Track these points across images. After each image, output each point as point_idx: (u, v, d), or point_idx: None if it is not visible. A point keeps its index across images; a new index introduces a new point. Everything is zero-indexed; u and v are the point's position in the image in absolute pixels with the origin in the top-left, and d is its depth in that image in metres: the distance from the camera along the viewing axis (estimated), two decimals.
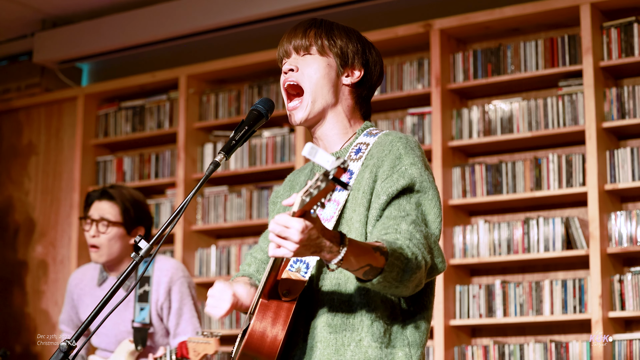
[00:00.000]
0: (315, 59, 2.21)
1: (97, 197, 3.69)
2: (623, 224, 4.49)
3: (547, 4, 4.75)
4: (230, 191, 5.63)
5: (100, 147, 6.19)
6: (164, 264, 3.69)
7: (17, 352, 6.12)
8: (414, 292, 2.04)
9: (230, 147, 2.12)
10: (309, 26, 2.24)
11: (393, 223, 2.02)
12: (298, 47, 2.22)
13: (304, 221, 1.81)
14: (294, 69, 2.21)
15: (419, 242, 2.00)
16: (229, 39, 5.91)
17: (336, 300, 2.08)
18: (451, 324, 4.75)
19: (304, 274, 2.06)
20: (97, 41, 6.00)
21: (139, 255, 2.05)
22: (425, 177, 2.10)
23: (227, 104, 5.73)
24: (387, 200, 2.07)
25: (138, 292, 3.64)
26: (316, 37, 2.21)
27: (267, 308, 2.00)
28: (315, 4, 5.27)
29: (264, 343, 1.98)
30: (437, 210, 2.10)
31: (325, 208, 1.84)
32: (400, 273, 1.94)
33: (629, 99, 4.57)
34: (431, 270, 2.05)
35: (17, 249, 6.36)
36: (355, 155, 2.17)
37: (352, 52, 2.23)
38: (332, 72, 2.21)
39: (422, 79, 5.12)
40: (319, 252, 1.86)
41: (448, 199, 4.88)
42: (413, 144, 2.16)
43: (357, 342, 2.05)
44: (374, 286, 1.95)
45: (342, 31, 2.25)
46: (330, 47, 2.21)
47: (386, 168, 2.10)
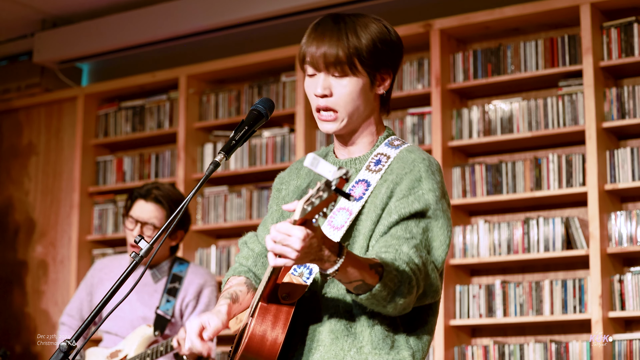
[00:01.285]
0: (351, 82, 2.12)
1: (142, 197, 3.68)
2: (623, 224, 4.49)
3: (547, 4, 4.75)
4: (230, 191, 5.63)
5: (100, 147, 6.19)
6: (198, 269, 3.80)
7: (17, 352, 6.12)
8: (399, 314, 2.03)
9: (230, 147, 2.11)
10: (334, 32, 2.12)
11: (396, 243, 2.01)
12: (329, 62, 2.10)
13: (306, 229, 1.80)
14: (328, 94, 2.13)
15: (416, 268, 1.98)
16: (229, 39, 5.91)
17: (340, 306, 2.08)
18: (451, 324, 4.75)
19: (307, 279, 2.06)
20: (97, 41, 6.00)
21: (139, 255, 2.05)
22: (439, 206, 2.08)
23: (227, 104, 5.73)
24: (398, 220, 2.05)
25: (168, 286, 3.70)
26: (346, 49, 2.10)
27: (267, 311, 2.00)
28: (315, 4, 5.27)
29: (264, 346, 1.98)
30: (444, 238, 2.07)
31: (327, 218, 1.83)
32: (390, 294, 1.93)
33: (629, 99, 4.57)
34: (422, 296, 2.04)
35: (17, 249, 6.37)
36: (375, 167, 2.14)
37: (382, 60, 2.15)
38: (366, 89, 2.14)
39: (422, 79, 5.12)
40: (318, 260, 1.86)
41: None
42: (435, 167, 2.12)
43: (357, 348, 2.05)
44: (362, 301, 1.95)
45: (368, 35, 2.14)
46: (361, 61, 2.11)
47: (404, 187, 2.07)
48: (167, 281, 3.72)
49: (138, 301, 3.72)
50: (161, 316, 3.66)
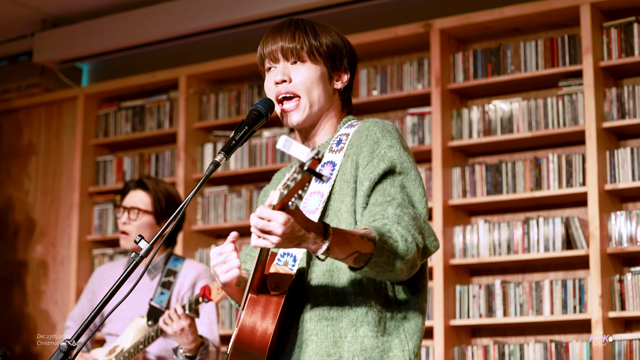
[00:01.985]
0: (309, 68, 2.19)
1: (133, 187, 3.83)
2: (623, 224, 4.49)
3: (547, 4, 4.75)
4: (230, 191, 5.63)
5: (100, 147, 6.19)
6: (193, 263, 3.86)
7: (17, 352, 6.12)
8: (410, 275, 2.03)
9: (230, 147, 2.12)
10: (295, 28, 2.20)
11: (380, 209, 2.02)
12: (287, 52, 2.19)
13: (286, 214, 1.81)
14: (287, 80, 2.19)
15: (408, 224, 1.99)
16: (229, 39, 5.91)
17: (329, 291, 2.08)
18: (451, 324, 4.75)
19: (292, 267, 2.06)
20: (97, 41, 6.00)
21: (139, 255, 2.05)
22: (405, 158, 2.10)
23: (227, 104, 5.73)
24: (371, 186, 2.07)
25: (162, 280, 3.77)
26: (306, 41, 2.19)
27: (256, 303, 2.00)
28: (314, 4, 5.27)
29: (254, 337, 1.98)
30: (422, 190, 2.10)
31: (302, 200, 1.83)
32: (391, 257, 1.93)
33: (629, 99, 4.57)
34: (425, 251, 2.04)
35: (17, 249, 6.36)
36: (337, 147, 2.17)
37: (338, 55, 2.22)
38: (325, 79, 2.21)
39: (422, 79, 5.12)
40: (303, 243, 1.86)
41: (448, 199, 4.88)
42: (390, 127, 2.15)
43: (353, 332, 2.05)
44: (367, 272, 1.95)
45: (324, 32, 2.22)
46: (321, 53, 2.19)
47: (366, 154, 2.10)
48: (162, 276, 3.77)
49: (135, 301, 3.75)
50: (154, 307, 3.69)
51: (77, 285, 5.87)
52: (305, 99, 2.18)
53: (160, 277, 3.78)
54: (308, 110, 2.19)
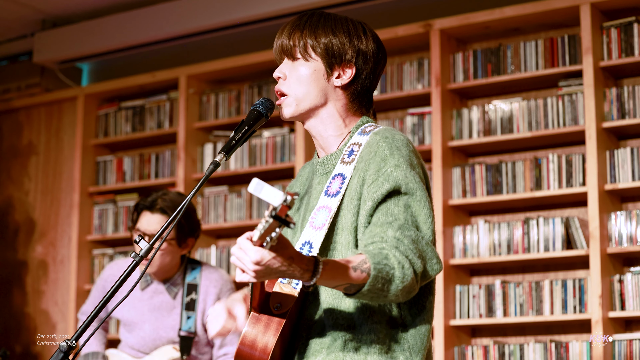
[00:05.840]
0: (302, 66, 2.18)
1: (147, 208, 3.57)
2: (623, 224, 4.49)
3: (547, 4, 4.75)
4: (230, 191, 5.63)
5: (100, 147, 6.19)
6: (212, 273, 3.69)
7: (17, 352, 6.12)
8: (407, 299, 1.99)
9: (230, 147, 2.11)
10: (294, 26, 2.20)
11: (380, 230, 1.98)
12: (283, 50, 2.20)
13: (261, 252, 1.78)
14: (282, 76, 2.19)
15: (407, 249, 1.94)
16: (229, 39, 5.91)
17: (335, 308, 2.06)
18: (451, 324, 4.75)
19: (295, 286, 2.02)
20: (97, 41, 6.01)
21: (139, 256, 2.05)
22: (411, 178, 2.03)
23: (227, 104, 5.73)
24: (374, 205, 2.02)
25: (185, 300, 3.61)
26: (299, 39, 2.17)
27: (258, 320, 1.98)
28: (315, 4, 5.27)
29: (254, 351, 1.97)
30: (427, 211, 2.03)
31: (276, 243, 1.78)
32: (385, 284, 1.90)
33: (629, 99, 4.57)
34: (424, 275, 1.98)
35: (17, 249, 6.37)
36: (348, 158, 2.13)
37: (338, 49, 2.19)
38: (319, 77, 2.18)
39: (422, 79, 5.12)
40: (289, 277, 1.83)
41: (448, 199, 4.88)
42: (399, 142, 2.09)
43: (356, 348, 2.03)
44: (360, 298, 1.92)
45: (327, 27, 2.20)
46: (314, 49, 2.17)
47: (372, 171, 2.05)
48: (184, 294, 3.62)
49: (157, 321, 3.64)
50: (185, 337, 3.59)
51: (77, 285, 5.87)
52: (292, 96, 2.18)
53: (182, 296, 3.63)
54: (295, 106, 2.18)
